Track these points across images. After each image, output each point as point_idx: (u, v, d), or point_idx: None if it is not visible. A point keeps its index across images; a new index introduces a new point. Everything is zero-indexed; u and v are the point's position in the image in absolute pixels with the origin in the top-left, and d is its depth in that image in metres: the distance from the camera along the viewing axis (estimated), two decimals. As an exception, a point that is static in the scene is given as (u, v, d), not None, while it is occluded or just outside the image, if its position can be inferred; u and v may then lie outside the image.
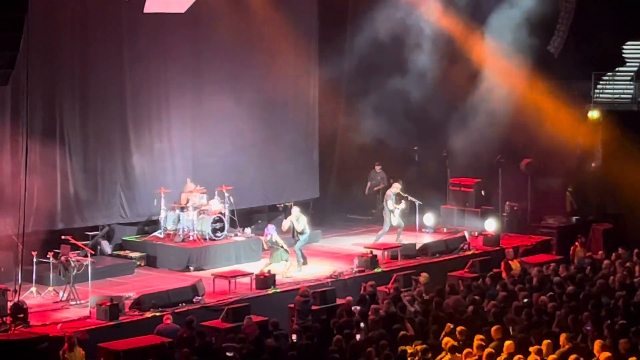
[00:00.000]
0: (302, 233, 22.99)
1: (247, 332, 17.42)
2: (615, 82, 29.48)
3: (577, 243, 24.23)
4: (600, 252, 22.91)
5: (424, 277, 20.71)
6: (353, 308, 18.60)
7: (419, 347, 15.20)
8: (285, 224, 23.05)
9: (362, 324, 17.23)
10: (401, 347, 15.44)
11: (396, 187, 25.25)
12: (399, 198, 25.27)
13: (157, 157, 24.55)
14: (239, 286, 21.18)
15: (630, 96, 28.99)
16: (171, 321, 18.05)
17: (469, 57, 27.22)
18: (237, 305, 19.45)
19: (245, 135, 26.09)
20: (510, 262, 22.46)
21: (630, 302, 17.81)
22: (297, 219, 23.04)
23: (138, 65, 24.00)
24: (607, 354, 14.17)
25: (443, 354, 15.09)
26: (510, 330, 16.36)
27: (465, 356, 14.83)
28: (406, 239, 25.12)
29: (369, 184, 28.63)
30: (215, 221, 23.66)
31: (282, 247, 22.30)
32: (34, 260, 20.23)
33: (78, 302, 19.79)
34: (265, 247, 22.77)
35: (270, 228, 22.52)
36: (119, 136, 23.85)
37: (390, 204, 24.96)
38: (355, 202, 29.12)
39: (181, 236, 23.49)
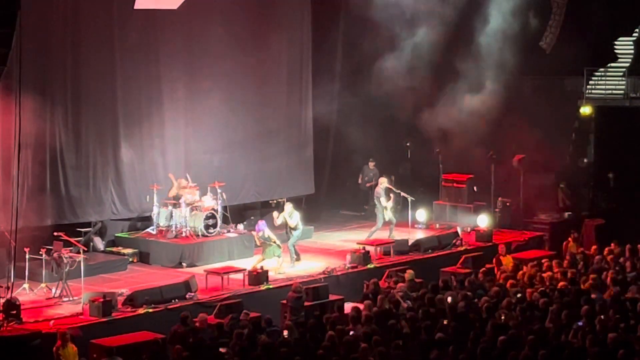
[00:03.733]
0: (295, 229, 22.95)
1: None
2: (607, 78, 29.51)
3: (569, 239, 24.29)
4: (593, 248, 22.91)
5: (409, 273, 20.71)
6: (352, 305, 18.50)
7: None
8: (279, 219, 23.02)
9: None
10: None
11: (383, 182, 25.18)
12: (388, 193, 25.25)
13: (148, 153, 24.49)
14: (232, 282, 21.14)
15: (622, 92, 29.02)
16: None
17: (461, 51, 27.24)
18: (230, 302, 19.45)
19: (238, 131, 26.05)
20: (502, 257, 22.52)
21: (622, 298, 17.84)
22: (290, 214, 23.00)
23: (130, 62, 23.92)
24: None
25: None
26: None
27: None
28: (399, 234, 25.11)
29: (360, 177, 28.64)
30: (207, 217, 23.63)
31: (274, 242, 22.28)
32: (27, 256, 20.16)
33: (71, 299, 19.74)
34: (258, 244, 22.74)
35: (262, 224, 22.49)
36: (111, 132, 23.77)
37: (382, 200, 24.94)
38: (348, 198, 29.13)
39: (174, 232, 23.47)
